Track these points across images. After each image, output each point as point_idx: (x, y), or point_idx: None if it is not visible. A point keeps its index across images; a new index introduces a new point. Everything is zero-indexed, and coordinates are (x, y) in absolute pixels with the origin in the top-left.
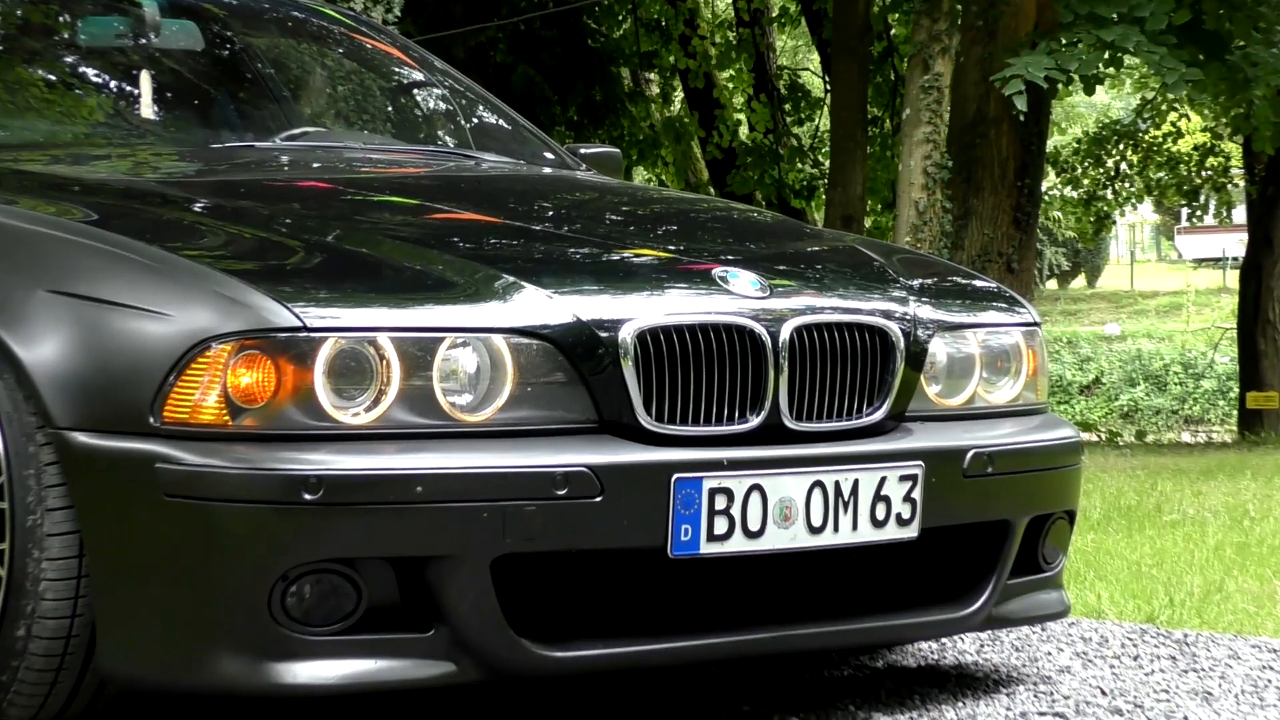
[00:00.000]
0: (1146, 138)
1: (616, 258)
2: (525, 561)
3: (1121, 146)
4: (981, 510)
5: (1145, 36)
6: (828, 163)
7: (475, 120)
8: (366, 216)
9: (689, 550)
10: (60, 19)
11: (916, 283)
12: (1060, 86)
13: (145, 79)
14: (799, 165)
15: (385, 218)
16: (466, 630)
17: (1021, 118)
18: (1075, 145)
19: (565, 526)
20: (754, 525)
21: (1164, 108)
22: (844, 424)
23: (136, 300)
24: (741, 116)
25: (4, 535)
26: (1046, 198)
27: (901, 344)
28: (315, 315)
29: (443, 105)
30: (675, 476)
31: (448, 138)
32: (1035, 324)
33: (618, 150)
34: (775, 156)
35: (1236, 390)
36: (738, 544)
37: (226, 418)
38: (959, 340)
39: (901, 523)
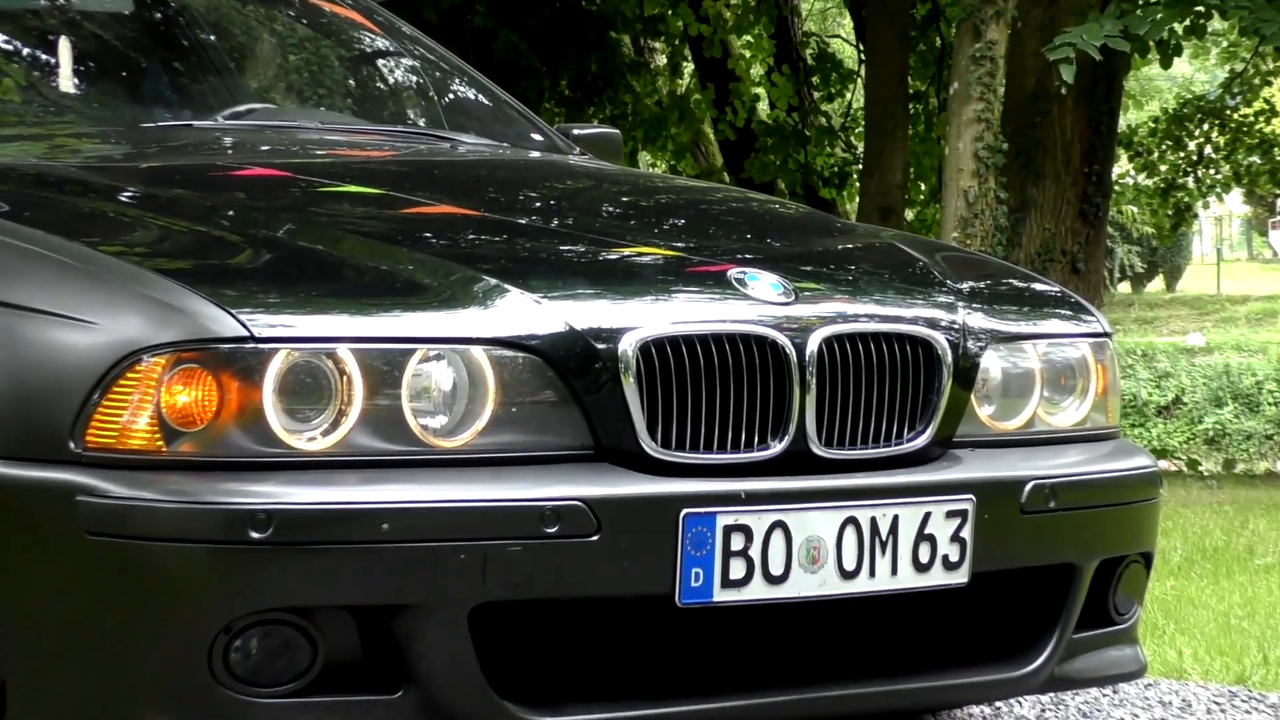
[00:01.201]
0: (1235, 116)
1: (615, 257)
2: (509, 611)
3: (1206, 126)
4: (1042, 552)
5: None
6: (862, 146)
7: (450, 96)
8: (324, 208)
9: (701, 598)
10: None
11: (966, 286)
12: (1135, 57)
13: (64, 47)
14: (828, 148)
15: (345, 210)
16: (440, 692)
17: (1064, 90)
18: (1152, 125)
19: (556, 570)
20: (776, 569)
21: (1256, 80)
22: (881, 451)
23: (53, 306)
24: (761, 91)
25: None
26: (1118, 187)
27: (948, 357)
28: (264, 323)
29: (412, 78)
30: (684, 512)
31: (418, 116)
32: (1105, 334)
33: (617, 131)
34: (801, 138)
35: None
36: (757, 591)
37: (160, 443)
38: (1016, 353)
39: (949, 566)
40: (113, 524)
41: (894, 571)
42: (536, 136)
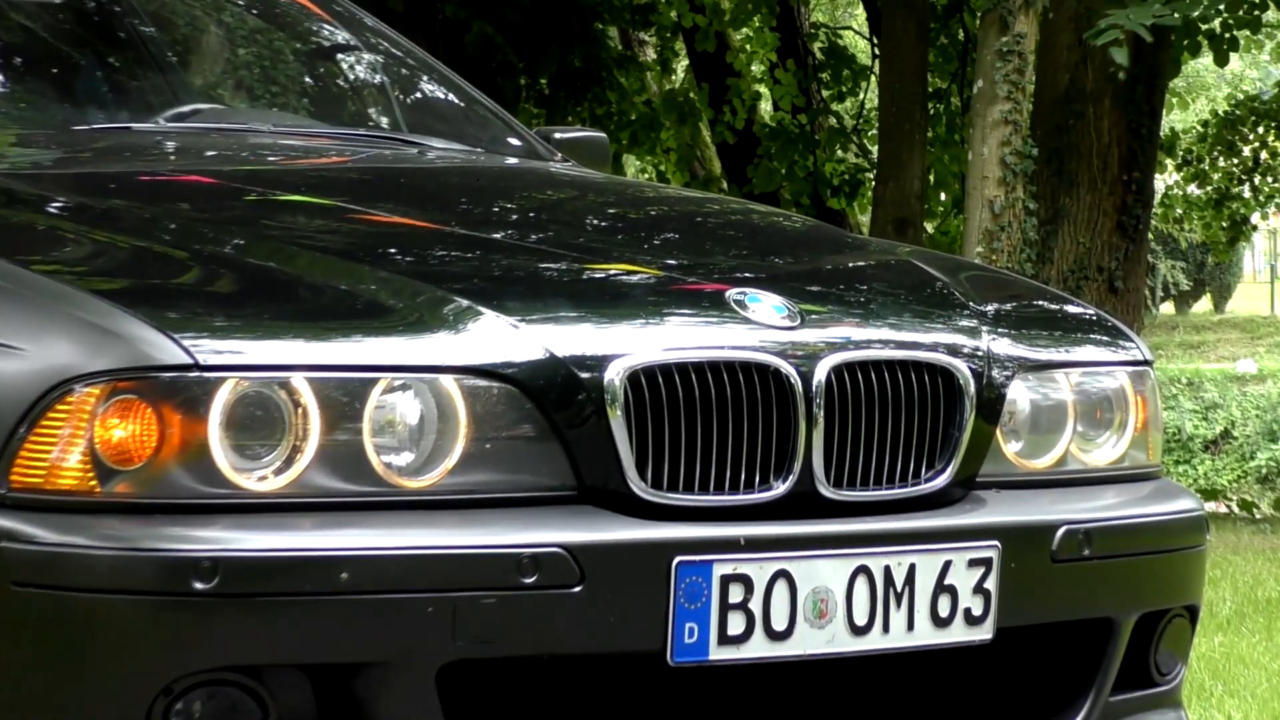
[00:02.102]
0: None
1: (601, 276)
2: (481, 669)
3: (1261, 129)
4: (1076, 605)
5: None
6: (875, 150)
7: (417, 95)
8: (277, 221)
9: (695, 656)
10: None
11: (991, 308)
12: (1184, 53)
13: None
14: (838, 153)
15: (301, 223)
16: None
17: (1122, 75)
18: (1200, 129)
19: (534, 624)
20: (779, 623)
21: None
22: (896, 492)
23: None
24: (763, 89)
25: None
26: (1166, 199)
27: (971, 388)
28: (209, 349)
29: (375, 76)
30: (677, 560)
31: (381, 118)
32: (1145, 362)
33: (603, 134)
34: (808, 142)
35: None
36: (758, 648)
37: (94, 482)
38: (1046, 383)
39: (971, 621)
40: (41, 573)
41: (910, 627)
42: (514, 141)
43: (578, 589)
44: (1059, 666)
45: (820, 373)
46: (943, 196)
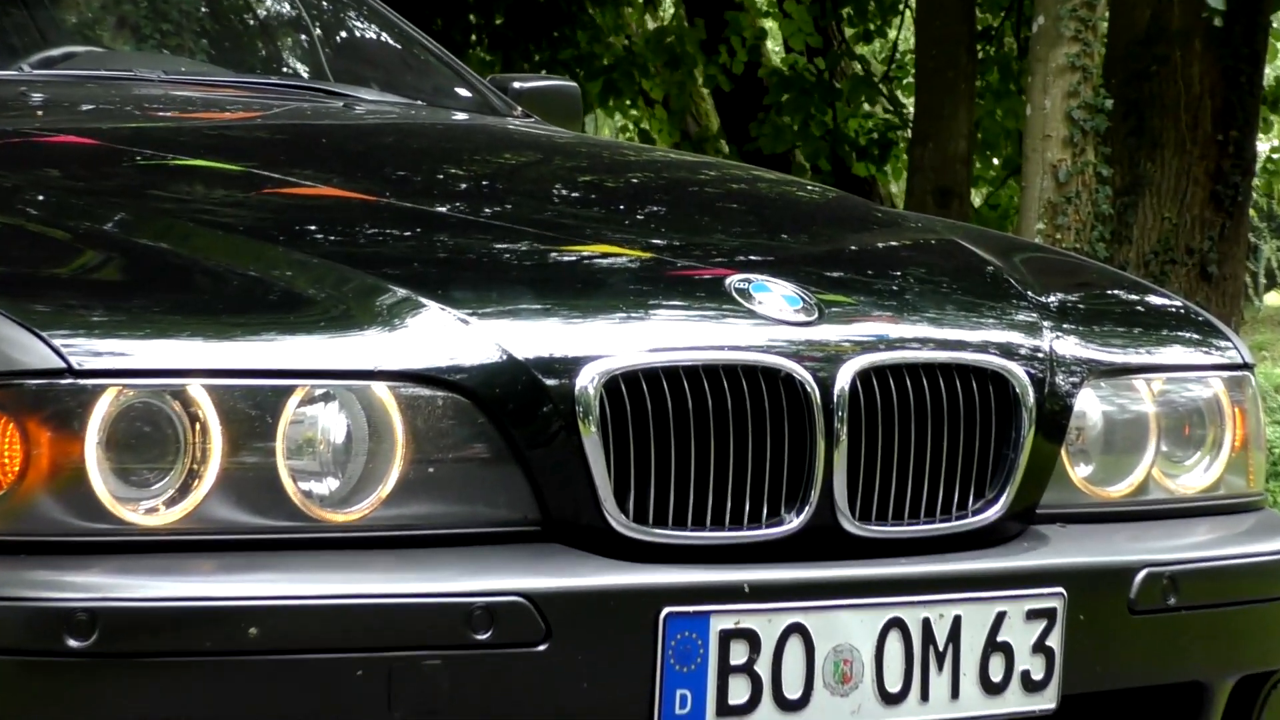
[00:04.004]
0: None
1: (572, 259)
2: None
3: None
4: (1159, 666)
5: None
6: (911, 103)
7: (344, 35)
8: (169, 191)
9: None
10: None
11: (1054, 299)
12: None
13: None
14: (864, 107)
15: (199, 194)
16: None
17: (1217, 20)
18: None
19: (488, 692)
20: (793, 690)
21: None
22: (937, 527)
23: None
24: (770, 25)
25: None
26: (1266, 163)
27: (1030, 398)
28: (86, 350)
29: (291, 11)
30: (666, 611)
31: (299, 64)
32: (1245, 365)
33: (573, 83)
34: (826, 92)
35: None
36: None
37: None
38: (1123, 392)
39: (1031, 687)
40: None
41: (954, 694)
42: (462, 92)
43: (542, 647)
44: None
45: (843, 379)
46: (994, 161)
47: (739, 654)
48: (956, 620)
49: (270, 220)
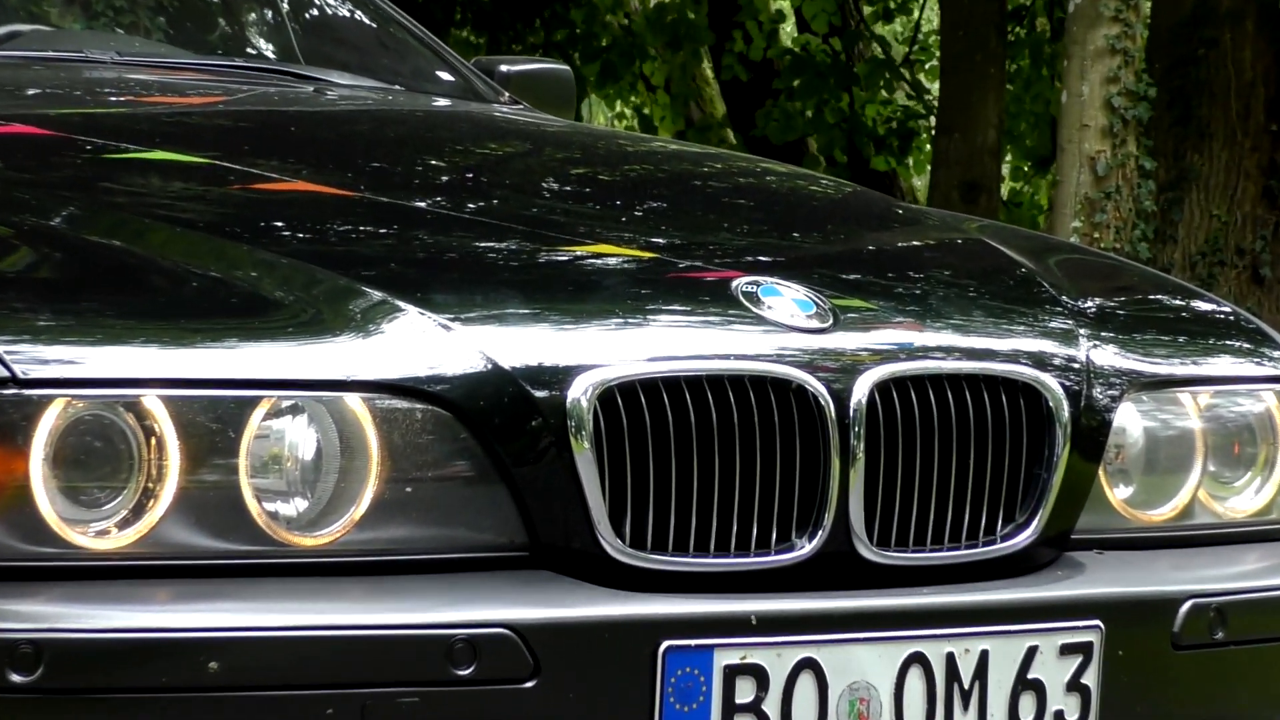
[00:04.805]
0: None
1: (564, 260)
2: None
3: None
4: (1205, 707)
5: None
6: (935, 89)
7: (314, 14)
8: (122, 184)
9: None
10: None
11: (1091, 304)
12: None
13: None
14: (883, 93)
15: (156, 187)
16: None
17: None
18: None
19: None
20: None
21: None
22: (963, 554)
23: None
24: (783, 4)
25: None
26: None
27: (1065, 412)
28: (32, 358)
29: None
30: (665, 645)
31: (266, 44)
32: None
33: (566, 67)
34: (842, 76)
35: None
36: None
37: None
38: (1167, 406)
39: None
40: None
41: None
42: (444, 75)
43: (530, 684)
44: None
45: (859, 391)
46: (1025, 153)
47: (745, 692)
48: (983, 655)
49: (234, 216)
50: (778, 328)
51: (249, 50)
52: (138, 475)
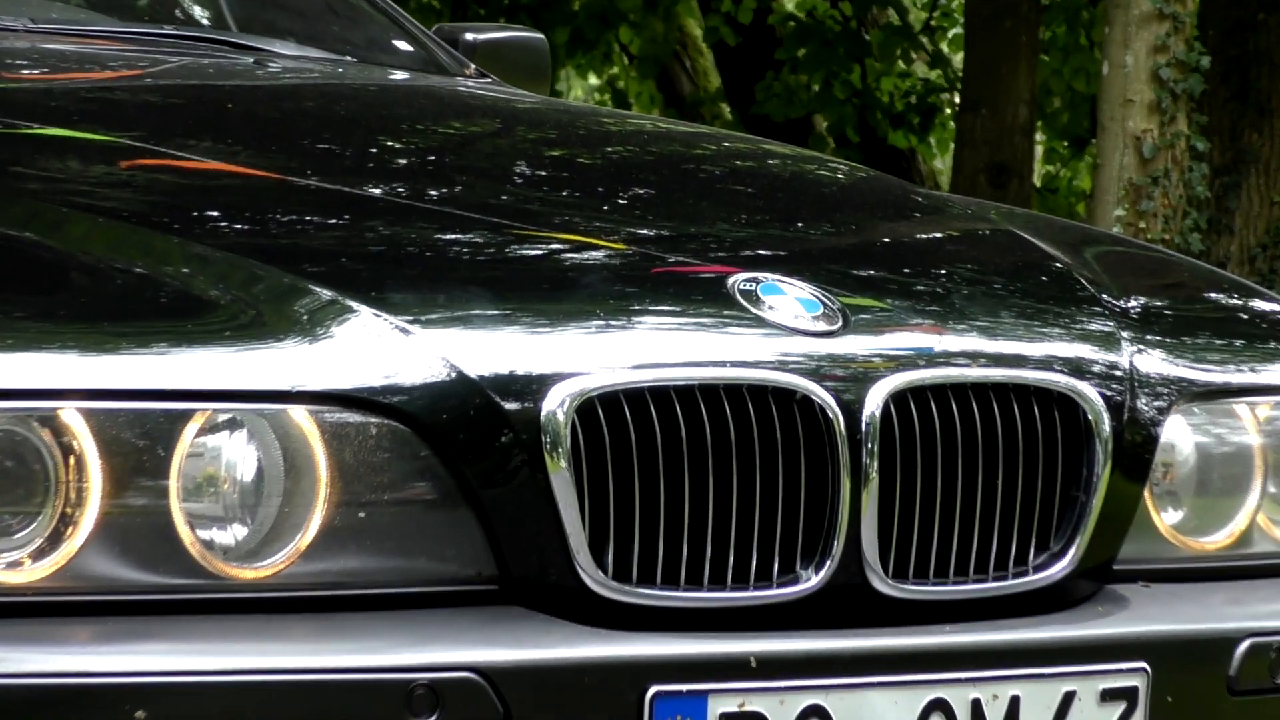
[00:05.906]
0: None
1: (536, 254)
2: None
3: None
4: None
5: None
6: (959, 60)
7: None
8: (34, 169)
9: None
10: None
11: (1136, 304)
12: None
13: None
14: (900, 65)
15: (74, 172)
16: None
17: None
18: None
19: None
20: None
21: None
22: (990, 586)
23: None
24: None
25: None
26: None
27: (1106, 426)
28: None
29: None
30: (653, 691)
31: (198, 9)
32: None
33: (539, 35)
34: (854, 45)
35: None
36: None
37: None
38: (1221, 419)
39: None
40: None
41: None
42: (402, 45)
43: None
44: None
45: (873, 402)
46: (1061, 132)
47: None
48: (1014, 702)
49: (162, 205)
50: (780, 330)
51: (179, 17)
52: (54, 499)
